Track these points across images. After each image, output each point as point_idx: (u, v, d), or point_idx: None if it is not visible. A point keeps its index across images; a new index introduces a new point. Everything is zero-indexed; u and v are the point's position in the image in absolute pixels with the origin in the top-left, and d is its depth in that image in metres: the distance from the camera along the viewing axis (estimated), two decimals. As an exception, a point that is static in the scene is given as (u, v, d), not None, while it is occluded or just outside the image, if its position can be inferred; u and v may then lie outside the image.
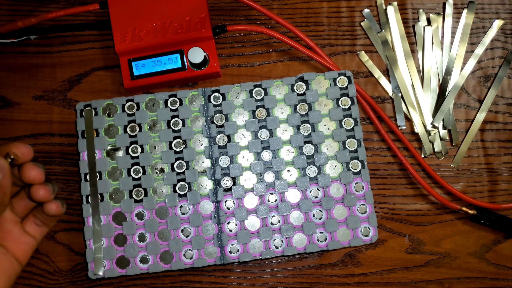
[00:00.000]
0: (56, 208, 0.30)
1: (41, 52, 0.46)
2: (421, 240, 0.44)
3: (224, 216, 0.40)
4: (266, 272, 0.43)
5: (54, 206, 0.30)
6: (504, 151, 0.45)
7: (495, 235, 0.44)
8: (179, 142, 0.40)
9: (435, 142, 0.44)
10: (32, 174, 0.28)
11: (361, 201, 0.40)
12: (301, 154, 0.40)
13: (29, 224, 0.32)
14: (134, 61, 0.43)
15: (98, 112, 0.41)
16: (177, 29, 0.42)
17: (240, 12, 0.46)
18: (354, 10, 0.47)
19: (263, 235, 0.39)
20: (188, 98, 0.41)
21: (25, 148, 0.29)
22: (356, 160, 0.40)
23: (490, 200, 0.44)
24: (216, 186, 0.40)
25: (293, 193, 0.40)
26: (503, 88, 0.46)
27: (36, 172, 0.29)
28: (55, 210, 0.30)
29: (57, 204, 0.30)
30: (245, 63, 0.46)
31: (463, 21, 0.46)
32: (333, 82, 0.41)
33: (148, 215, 0.39)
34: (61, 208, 0.31)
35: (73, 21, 0.46)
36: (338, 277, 0.43)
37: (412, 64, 0.45)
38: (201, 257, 0.39)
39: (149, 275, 0.43)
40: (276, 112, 0.41)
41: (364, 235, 0.39)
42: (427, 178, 0.44)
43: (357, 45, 0.46)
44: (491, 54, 0.46)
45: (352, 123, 0.41)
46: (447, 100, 0.44)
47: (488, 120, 0.45)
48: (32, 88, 0.46)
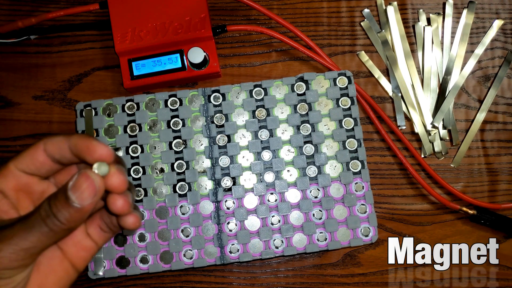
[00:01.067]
0: (134, 222, 0.24)
1: (41, 52, 0.46)
2: (421, 240, 0.44)
3: (224, 216, 0.40)
4: (266, 272, 0.43)
5: (132, 220, 0.24)
6: (504, 151, 0.45)
7: (495, 235, 0.44)
8: (179, 142, 0.40)
9: (435, 142, 0.44)
10: (115, 182, 0.23)
11: (361, 201, 0.40)
12: (301, 154, 0.40)
13: (94, 227, 0.26)
14: (134, 61, 0.43)
15: (98, 112, 0.41)
16: (177, 29, 0.42)
17: (240, 12, 0.46)
18: (354, 10, 0.47)
19: (263, 235, 0.39)
20: (188, 98, 0.41)
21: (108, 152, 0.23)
22: (356, 160, 0.40)
23: (490, 200, 0.44)
24: (216, 186, 0.40)
25: (293, 193, 0.40)
26: (503, 88, 0.46)
27: (119, 180, 0.23)
28: (133, 225, 0.25)
29: (136, 217, 0.25)
30: (245, 63, 0.46)
31: (463, 21, 0.46)
32: (333, 82, 0.41)
33: (148, 215, 0.39)
34: (140, 222, 0.25)
35: (73, 21, 0.46)
36: (338, 277, 0.43)
37: (412, 64, 0.45)
38: (201, 257, 0.39)
39: (149, 275, 0.43)
40: (276, 112, 0.41)
41: (364, 235, 0.39)
42: (427, 178, 0.44)
43: (357, 45, 0.46)
44: (491, 54, 0.46)
45: (352, 123, 0.41)
46: (447, 100, 0.44)
47: (488, 120, 0.45)
48: (32, 88, 0.46)
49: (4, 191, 0.24)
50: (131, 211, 0.24)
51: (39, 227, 0.22)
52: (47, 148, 0.24)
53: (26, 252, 0.22)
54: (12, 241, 0.22)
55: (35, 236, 0.22)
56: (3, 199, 0.24)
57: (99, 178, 0.22)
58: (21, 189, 0.25)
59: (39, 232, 0.22)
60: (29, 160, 0.24)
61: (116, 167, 0.23)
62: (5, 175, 0.24)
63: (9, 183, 0.24)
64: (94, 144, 0.22)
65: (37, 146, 0.24)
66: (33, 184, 0.25)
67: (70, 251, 0.26)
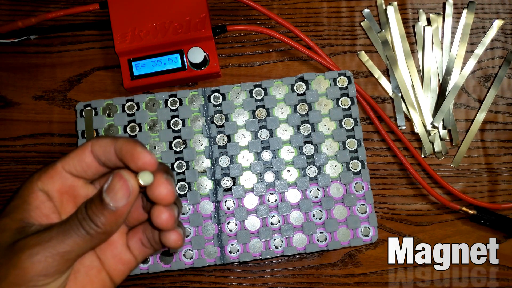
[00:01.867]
0: (177, 240, 0.23)
1: (41, 52, 0.46)
2: (421, 240, 0.44)
3: (224, 216, 0.40)
4: (266, 272, 0.43)
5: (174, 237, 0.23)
6: (504, 151, 0.45)
7: (495, 235, 0.44)
8: (179, 142, 0.40)
9: (435, 142, 0.44)
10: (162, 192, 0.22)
11: (361, 201, 0.40)
12: (301, 154, 0.40)
13: (135, 241, 0.25)
14: (134, 61, 0.43)
15: (98, 112, 0.41)
16: (177, 29, 0.42)
17: (240, 12, 0.46)
18: (354, 10, 0.47)
19: (263, 235, 0.39)
20: (188, 98, 0.41)
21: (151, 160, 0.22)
22: (356, 160, 0.40)
23: (490, 200, 0.44)
24: (216, 186, 0.40)
25: (293, 193, 0.40)
26: (503, 88, 0.46)
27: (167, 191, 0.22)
28: (174, 242, 0.23)
29: (179, 235, 0.23)
30: (245, 63, 0.46)
31: (463, 21, 0.46)
32: (333, 82, 0.41)
33: (148, 215, 0.39)
34: (182, 241, 0.23)
35: (73, 21, 0.46)
36: (338, 277, 0.43)
37: (412, 64, 0.45)
38: (201, 257, 0.39)
39: (149, 275, 0.43)
40: (276, 112, 0.41)
41: (364, 235, 0.39)
42: (427, 178, 0.44)
43: (357, 45, 0.46)
44: (491, 54, 0.46)
45: (352, 123, 0.41)
46: (447, 100, 0.44)
47: (488, 120, 0.45)
48: (32, 88, 0.46)
49: (50, 193, 0.24)
50: (175, 227, 0.23)
51: (76, 230, 0.22)
52: (94, 149, 0.23)
53: (62, 257, 0.21)
54: (49, 244, 0.21)
55: (71, 240, 0.21)
56: (47, 201, 0.24)
57: (133, 179, 0.22)
58: (66, 191, 0.24)
59: (76, 235, 0.22)
60: (76, 161, 0.24)
61: (164, 176, 0.22)
62: (52, 176, 0.24)
63: (56, 185, 0.24)
64: (138, 151, 0.22)
65: (85, 147, 0.24)
66: (78, 187, 0.25)
67: (109, 262, 0.25)
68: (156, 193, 0.22)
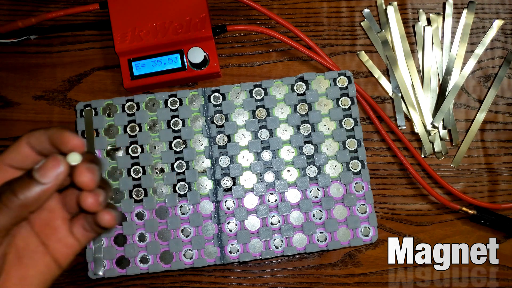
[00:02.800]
0: (108, 220, 0.26)
1: (41, 52, 0.46)
2: (421, 240, 0.44)
3: (224, 216, 0.40)
4: (266, 272, 0.43)
5: (106, 217, 0.26)
6: (504, 151, 0.45)
7: (495, 235, 0.44)
8: (179, 142, 0.40)
9: (435, 142, 0.44)
10: (84, 179, 0.24)
11: (361, 201, 0.40)
12: (301, 154, 0.40)
13: (77, 226, 0.28)
14: (134, 61, 0.43)
15: (98, 112, 0.41)
16: (177, 29, 0.42)
17: (240, 12, 0.46)
18: (354, 10, 0.47)
19: (263, 235, 0.39)
20: (188, 98, 0.41)
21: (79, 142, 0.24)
22: (356, 160, 0.40)
23: (490, 200, 0.44)
24: (216, 186, 0.40)
25: (293, 193, 0.40)
26: (503, 88, 0.46)
27: (87, 178, 0.24)
28: (107, 222, 0.26)
29: (110, 215, 0.26)
30: (245, 63, 0.46)
31: (463, 21, 0.46)
32: (333, 82, 0.41)
33: (148, 215, 0.39)
34: (115, 219, 0.26)
35: (73, 21, 0.46)
36: (338, 277, 0.43)
37: (412, 64, 0.45)
38: (201, 257, 0.39)
39: (149, 275, 0.43)
40: (276, 112, 0.41)
41: (364, 235, 0.39)
42: (427, 178, 0.44)
43: (357, 45, 0.46)
44: (491, 54, 0.46)
45: (352, 123, 0.41)
46: (447, 100, 0.44)
47: (488, 120, 0.45)
48: (32, 88, 0.46)
49: None
50: (102, 209, 0.25)
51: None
52: (30, 140, 0.25)
53: None
54: None
55: None
56: None
57: (64, 161, 0.24)
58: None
59: None
60: (14, 153, 0.26)
61: (86, 165, 0.24)
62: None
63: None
64: (67, 135, 0.24)
65: (21, 140, 0.26)
66: None
67: (53, 246, 0.27)
68: (78, 180, 0.24)
